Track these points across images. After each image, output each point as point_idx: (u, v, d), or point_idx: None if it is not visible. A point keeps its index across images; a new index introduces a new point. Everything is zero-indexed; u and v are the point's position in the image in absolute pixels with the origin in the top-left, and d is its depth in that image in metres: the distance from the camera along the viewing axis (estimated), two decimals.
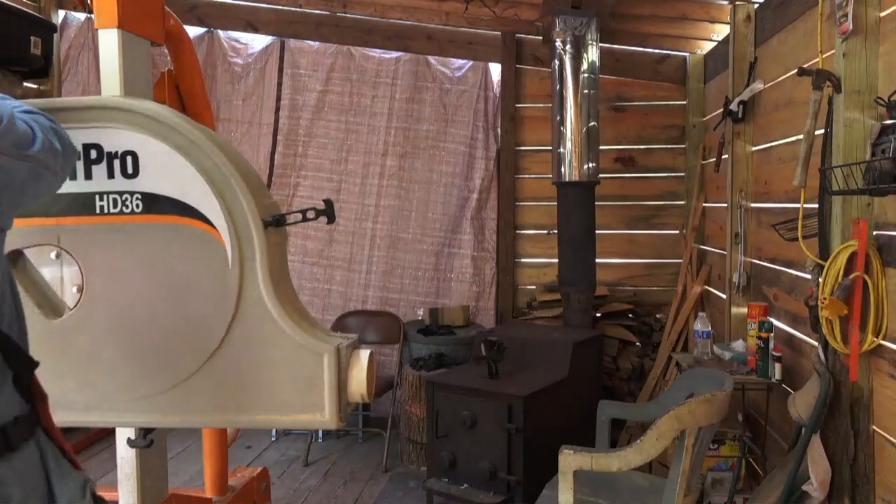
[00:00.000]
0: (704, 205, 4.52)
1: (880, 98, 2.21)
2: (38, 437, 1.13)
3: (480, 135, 4.93)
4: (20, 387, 1.10)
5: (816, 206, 2.55)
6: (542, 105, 4.87)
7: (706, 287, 4.38)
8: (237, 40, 5.01)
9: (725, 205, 3.77)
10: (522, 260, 5.00)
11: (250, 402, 1.58)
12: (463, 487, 3.24)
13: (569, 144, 4.04)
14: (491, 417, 3.16)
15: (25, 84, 3.88)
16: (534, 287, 4.96)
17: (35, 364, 1.13)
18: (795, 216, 2.67)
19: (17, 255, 1.57)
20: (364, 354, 1.59)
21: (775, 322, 3.07)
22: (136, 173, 1.53)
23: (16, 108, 1.16)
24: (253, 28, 4.95)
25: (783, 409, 2.78)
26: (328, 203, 1.62)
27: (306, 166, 4.94)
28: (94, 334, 1.56)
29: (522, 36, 4.88)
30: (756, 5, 3.53)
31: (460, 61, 4.97)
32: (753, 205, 3.57)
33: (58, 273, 1.57)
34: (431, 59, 4.95)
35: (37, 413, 1.13)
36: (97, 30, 1.67)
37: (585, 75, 4.03)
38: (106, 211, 1.54)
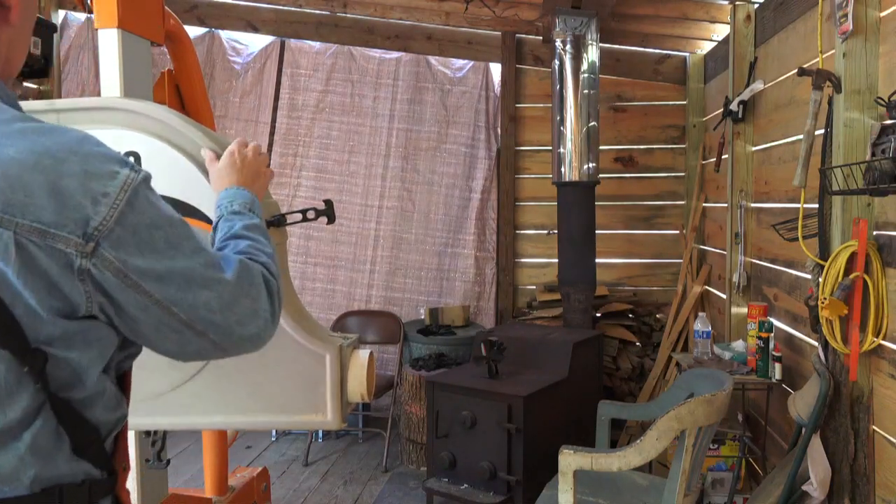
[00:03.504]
0: (704, 205, 4.52)
1: (880, 98, 2.21)
2: None
3: (482, 135, 4.93)
4: (86, 455, 0.91)
5: (816, 206, 2.56)
6: (542, 105, 4.87)
7: (706, 287, 4.38)
8: (237, 40, 5.01)
9: (725, 205, 3.77)
10: (522, 260, 5.00)
11: (251, 402, 1.58)
12: (463, 487, 3.24)
13: (569, 144, 4.04)
14: (491, 417, 3.16)
15: (25, 84, 3.88)
16: (534, 287, 4.97)
17: (97, 434, 0.93)
18: (795, 216, 2.67)
19: None
20: (364, 354, 1.59)
21: (775, 322, 3.07)
22: None
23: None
24: (253, 28, 4.95)
25: (783, 409, 2.79)
26: (328, 203, 1.62)
27: (308, 167, 4.94)
28: None
29: (522, 36, 4.88)
30: (756, 5, 3.53)
31: (461, 62, 4.97)
32: (753, 205, 3.57)
33: None
34: (432, 59, 4.95)
35: (114, 482, 0.96)
36: (97, 30, 1.67)
37: (585, 75, 4.03)
38: None
